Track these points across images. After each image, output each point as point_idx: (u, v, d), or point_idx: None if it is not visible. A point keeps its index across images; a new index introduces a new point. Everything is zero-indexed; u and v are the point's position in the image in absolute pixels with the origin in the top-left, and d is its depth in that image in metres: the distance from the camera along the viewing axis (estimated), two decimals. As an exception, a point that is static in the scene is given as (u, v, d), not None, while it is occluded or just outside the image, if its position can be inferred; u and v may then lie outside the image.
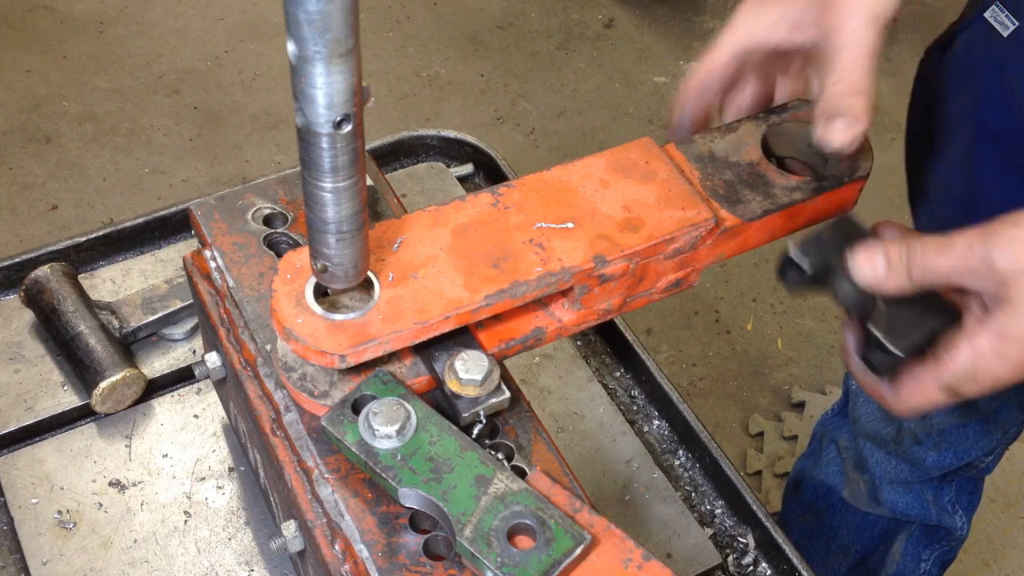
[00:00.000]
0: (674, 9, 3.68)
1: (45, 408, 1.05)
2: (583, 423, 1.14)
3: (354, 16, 0.56)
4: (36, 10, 3.31)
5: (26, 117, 3.03)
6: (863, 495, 1.63)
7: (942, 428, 1.44)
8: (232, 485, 1.02)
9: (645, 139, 0.89)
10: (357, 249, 0.70)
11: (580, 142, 3.18)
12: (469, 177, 1.39)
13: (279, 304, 0.73)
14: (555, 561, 0.67)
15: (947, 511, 1.59)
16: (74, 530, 0.98)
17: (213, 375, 0.91)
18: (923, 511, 1.60)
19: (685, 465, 1.13)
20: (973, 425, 1.42)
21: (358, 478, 0.75)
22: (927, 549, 1.65)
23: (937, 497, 1.58)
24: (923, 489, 1.58)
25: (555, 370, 1.19)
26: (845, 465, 1.65)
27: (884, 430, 1.53)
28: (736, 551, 1.07)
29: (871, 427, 1.56)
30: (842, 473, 1.66)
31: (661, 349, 2.68)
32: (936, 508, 1.59)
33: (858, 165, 0.91)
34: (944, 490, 1.58)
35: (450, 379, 0.76)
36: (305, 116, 0.60)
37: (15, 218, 2.78)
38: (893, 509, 1.61)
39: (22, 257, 1.15)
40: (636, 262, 0.82)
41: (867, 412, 1.56)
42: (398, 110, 3.21)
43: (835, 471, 1.68)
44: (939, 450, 1.48)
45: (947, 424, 1.43)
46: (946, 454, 1.49)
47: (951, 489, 1.58)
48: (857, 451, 1.61)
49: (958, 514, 1.60)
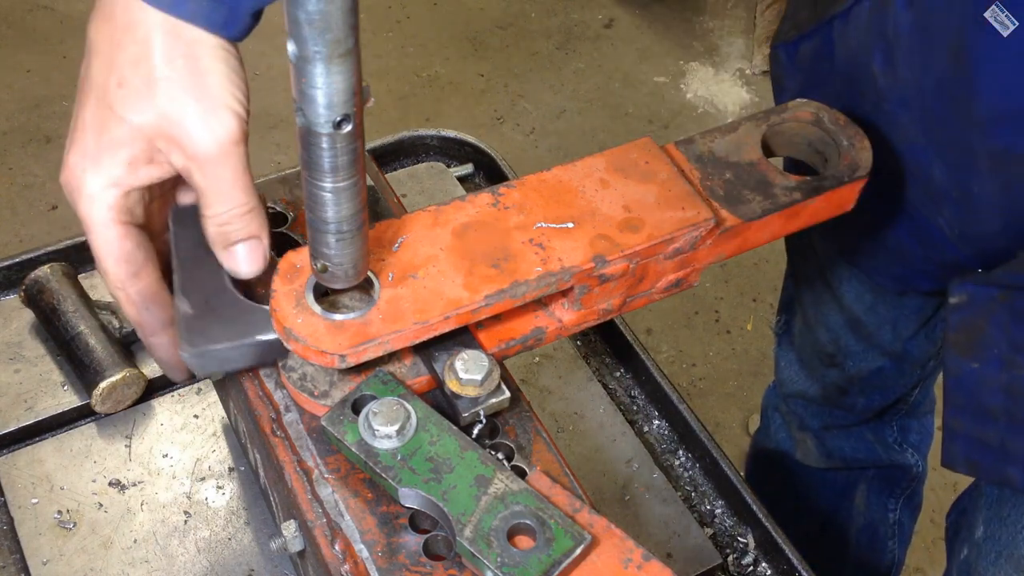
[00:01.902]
0: (674, 9, 3.68)
1: (45, 408, 1.05)
2: (583, 423, 1.14)
3: (354, 16, 0.56)
4: (36, 10, 3.31)
5: (26, 117, 3.03)
6: (812, 452, 1.67)
7: (861, 376, 1.47)
8: (232, 485, 1.02)
9: (645, 139, 0.89)
10: (357, 249, 0.70)
11: (580, 142, 3.18)
12: (469, 177, 1.38)
13: (279, 304, 0.73)
14: (555, 561, 0.67)
15: (895, 449, 1.63)
16: (74, 530, 0.98)
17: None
18: (870, 452, 1.63)
19: (685, 465, 1.13)
20: (888, 366, 1.45)
21: (358, 478, 0.75)
22: (891, 498, 1.68)
23: (880, 437, 1.62)
24: (863, 431, 1.61)
25: (555, 370, 1.19)
26: (791, 428, 1.69)
27: (809, 388, 1.57)
28: (736, 551, 1.07)
29: (796, 388, 1.60)
30: (791, 438, 1.70)
31: (661, 349, 2.68)
32: (882, 447, 1.62)
33: (858, 165, 0.91)
34: (885, 430, 1.61)
35: (450, 379, 0.76)
36: (305, 116, 0.60)
37: (15, 218, 2.78)
38: (843, 457, 1.64)
39: (22, 257, 1.15)
40: (636, 262, 0.82)
41: (791, 375, 1.60)
42: (398, 110, 3.21)
43: (784, 437, 1.72)
44: (865, 395, 1.52)
45: (864, 371, 1.46)
46: (873, 396, 1.52)
47: (893, 428, 1.61)
48: (794, 412, 1.64)
49: (908, 451, 1.63)
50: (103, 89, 0.73)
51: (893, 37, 0.97)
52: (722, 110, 3.36)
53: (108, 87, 0.72)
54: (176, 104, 0.71)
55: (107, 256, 0.75)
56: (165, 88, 0.71)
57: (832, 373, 1.50)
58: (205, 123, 0.71)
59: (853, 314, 1.39)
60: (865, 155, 0.92)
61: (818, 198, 0.89)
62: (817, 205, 0.90)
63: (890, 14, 0.97)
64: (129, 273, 0.76)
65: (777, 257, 2.94)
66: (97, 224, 0.74)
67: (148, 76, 0.71)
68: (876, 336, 1.39)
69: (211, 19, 0.71)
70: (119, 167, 0.73)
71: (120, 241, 0.74)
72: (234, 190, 0.73)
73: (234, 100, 0.72)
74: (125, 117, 0.72)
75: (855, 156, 0.92)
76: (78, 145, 0.74)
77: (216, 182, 0.72)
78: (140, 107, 0.72)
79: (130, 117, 0.72)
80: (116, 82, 0.72)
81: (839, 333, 1.43)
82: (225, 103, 0.71)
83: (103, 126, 0.73)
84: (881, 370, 1.46)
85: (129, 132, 0.72)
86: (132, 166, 0.73)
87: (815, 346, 1.50)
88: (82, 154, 0.74)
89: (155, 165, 0.74)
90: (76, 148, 0.74)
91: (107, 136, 0.73)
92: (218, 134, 0.71)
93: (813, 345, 1.50)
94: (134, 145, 0.73)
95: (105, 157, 0.73)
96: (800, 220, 0.91)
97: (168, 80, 0.71)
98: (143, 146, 0.73)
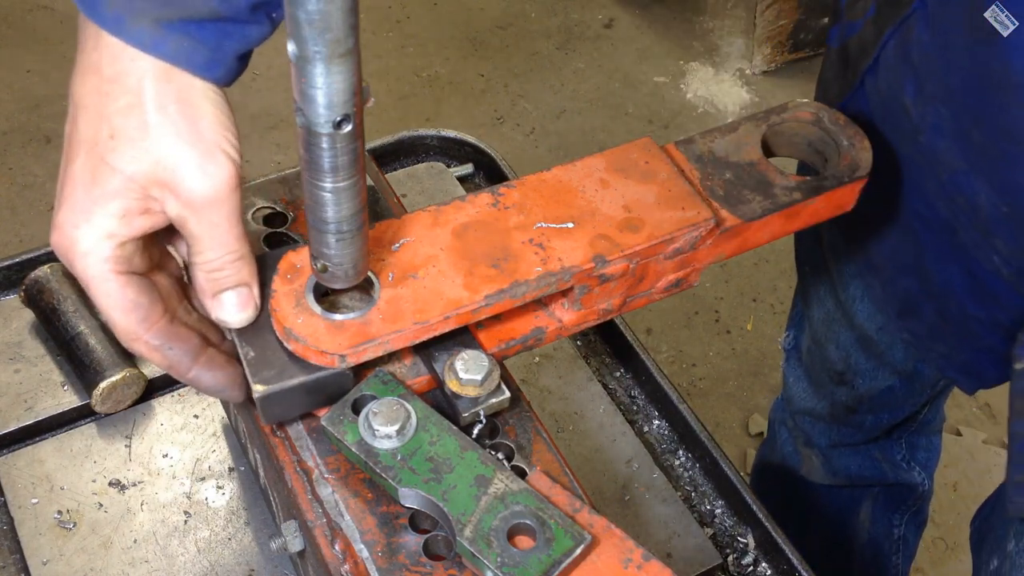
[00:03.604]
0: (674, 9, 3.68)
1: (45, 408, 1.05)
2: (583, 423, 1.14)
3: (354, 16, 0.56)
4: (36, 10, 3.31)
5: (26, 117, 3.03)
6: (818, 469, 1.65)
7: (870, 395, 1.46)
8: (232, 485, 1.02)
9: (645, 139, 0.89)
10: (357, 249, 0.70)
11: (580, 142, 3.18)
12: (469, 177, 1.38)
13: (279, 304, 0.73)
14: (555, 561, 0.67)
15: (902, 468, 1.61)
16: (74, 530, 0.98)
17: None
18: (877, 471, 1.62)
19: (685, 465, 1.13)
20: (898, 385, 1.43)
21: (358, 478, 0.75)
22: (896, 513, 1.67)
23: (887, 455, 1.60)
24: (870, 449, 1.60)
25: (555, 370, 1.19)
26: (797, 443, 1.68)
27: (817, 406, 1.56)
28: (736, 551, 1.07)
29: (804, 405, 1.58)
30: (796, 453, 1.69)
31: (661, 349, 2.68)
32: (889, 466, 1.61)
33: (858, 165, 0.91)
34: (894, 448, 1.60)
35: (450, 379, 0.76)
36: (305, 116, 0.60)
37: (15, 218, 2.78)
38: (848, 475, 1.63)
39: (22, 257, 1.15)
40: (636, 262, 0.82)
41: (798, 391, 1.59)
42: (398, 110, 3.21)
43: (790, 451, 1.71)
44: (874, 413, 1.50)
45: (873, 390, 1.45)
46: (881, 415, 1.51)
47: (901, 446, 1.60)
48: (801, 428, 1.63)
49: (915, 470, 1.62)
50: (92, 142, 0.71)
51: (919, 62, 0.97)
52: (722, 110, 3.36)
53: (99, 139, 0.70)
54: (171, 150, 0.69)
55: (112, 308, 0.73)
56: (159, 135, 0.69)
57: (841, 391, 1.48)
58: (202, 169, 0.69)
59: (864, 333, 1.37)
60: (865, 155, 0.92)
61: (818, 198, 0.89)
62: (817, 205, 0.90)
63: (913, 40, 0.97)
64: (138, 320, 0.74)
65: (777, 257, 2.94)
66: (96, 279, 0.72)
67: (141, 123, 0.69)
68: (887, 355, 1.37)
69: (192, 60, 0.69)
70: (112, 219, 0.71)
71: (122, 291, 0.72)
72: (227, 236, 0.72)
73: (228, 145, 0.71)
74: (118, 167, 0.70)
75: (855, 156, 0.92)
76: (68, 202, 0.72)
77: (209, 228, 0.71)
78: (134, 156, 0.70)
79: (123, 167, 0.70)
80: (108, 133, 0.70)
81: (849, 351, 1.42)
82: (221, 147, 0.70)
83: (94, 180, 0.71)
84: (891, 389, 1.43)
85: (122, 183, 0.70)
86: (126, 218, 0.71)
87: (824, 363, 1.48)
88: (72, 210, 0.71)
89: (149, 215, 0.72)
90: (66, 205, 0.72)
91: (98, 189, 0.71)
92: (215, 180, 0.70)
93: (822, 362, 1.48)
94: (127, 196, 0.70)
95: (97, 210, 0.70)
96: (800, 220, 0.91)
97: (162, 126, 0.69)
98: (137, 196, 0.71)
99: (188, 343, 0.76)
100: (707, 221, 0.83)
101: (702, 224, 0.83)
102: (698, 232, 0.83)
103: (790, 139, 0.95)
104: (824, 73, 1.19)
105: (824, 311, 1.43)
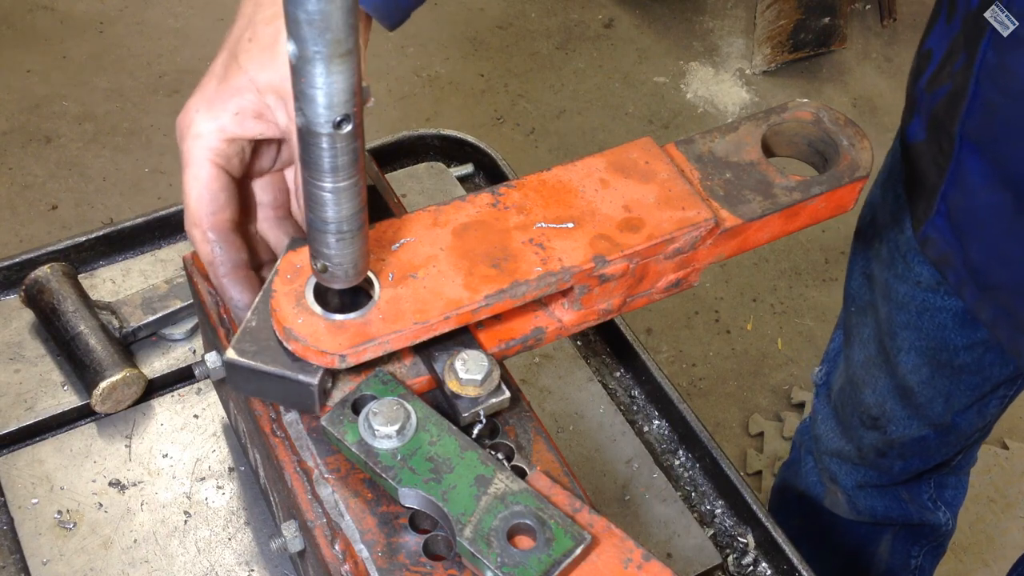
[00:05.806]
0: (674, 9, 3.68)
1: (45, 408, 1.05)
2: (583, 423, 1.14)
3: (354, 16, 0.56)
4: (36, 10, 3.31)
5: (26, 117, 3.03)
6: (842, 505, 1.63)
7: (902, 442, 1.44)
8: (232, 485, 1.02)
9: (645, 139, 0.89)
10: (357, 249, 0.70)
11: (580, 142, 3.18)
12: (469, 177, 1.39)
13: (279, 304, 0.73)
14: (555, 561, 0.67)
15: (928, 508, 1.59)
16: (74, 530, 0.98)
17: (213, 375, 0.91)
18: (903, 512, 1.60)
19: (685, 465, 1.13)
20: (932, 436, 1.41)
21: (358, 478, 0.75)
22: (915, 546, 1.65)
23: (915, 496, 1.58)
24: (898, 491, 1.58)
25: (555, 370, 1.19)
26: (822, 476, 1.65)
27: (845, 447, 1.53)
28: (736, 551, 1.07)
29: (832, 445, 1.56)
30: (821, 484, 1.66)
31: (661, 349, 2.68)
32: (915, 507, 1.59)
33: (858, 165, 0.91)
34: (922, 489, 1.58)
35: (450, 379, 0.76)
36: (305, 116, 0.60)
37: (15, 218, 2.78)
38: (873, 515, 1.61)
39: (22, 257, 1.15)
40: (636, 262, 0.82)
41: (826, 430, 1.56)
42: (398, 110, 3.21)
43: (814, 481, 1.68)
44: (904, 459, 1.48)
45: (906, 438, 1.43)
46: (912, 461, 1.49)
47: (930, 487, 1.58)
48: (827, 467, 1.61)
49: (941, 510, 1.60)
50: (235, 42, 0.78)
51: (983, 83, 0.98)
52: (722, 110, 3.36)
53: (240, 41, 0.78)
54: None
55: (193, 190, 0.78)
56: None
57: (872, 435, 1.45)
58: None
59: (906, 383, 1.35)
60: (865, 155, 0.92)
61: (818, 198, 0.89)
62: (817, 205, 0.90)
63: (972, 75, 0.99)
64: (208, 210, 0.79)
65: (777, 257, 2.94)
66: (195, 160, 0.78)
67: (277, 34, 0.76)
68: (926, 408, 1.35)
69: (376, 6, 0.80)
70: (228, 115, 0.77)
71: (209, 180, 0.78)
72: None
73: None
74: (246, 68, 0.77)
75: (855, 156, 0.91)
76: (200, 90, 0.79)
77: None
78: (262, 61, 0.76)
79: (251, 69, 0.76)
80: (248, 36, 0.77)
81: (886, 398, 1.39)
82: None
83: (225, 75, 0.78)
84: (924, 439, 1.41)
85: (246, 83, 0.77)
86: (240, 116, 0.77)
87: (857, 407, 1.46)
88: (201, 97, 0.78)
89: (261, 121, 0.78)
90: (198, 93, 0.79)
91: (225, 85, 0.77)
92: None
93: (855, 405, 1.46)
94: (247, 97, 0.77)
95: (218, 103, 0.77)
96: (800, 220, 0.91)
97: None
98: (254, 99, 0.77)
99: (237, 252, 0.81)
100: (707, 221, 0.83)
101: (702, 224, 0.83)
102: (698, 232, 0.83)
103: (790, 139, 0.95)
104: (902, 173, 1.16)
105: (866, 354, 1.40)
